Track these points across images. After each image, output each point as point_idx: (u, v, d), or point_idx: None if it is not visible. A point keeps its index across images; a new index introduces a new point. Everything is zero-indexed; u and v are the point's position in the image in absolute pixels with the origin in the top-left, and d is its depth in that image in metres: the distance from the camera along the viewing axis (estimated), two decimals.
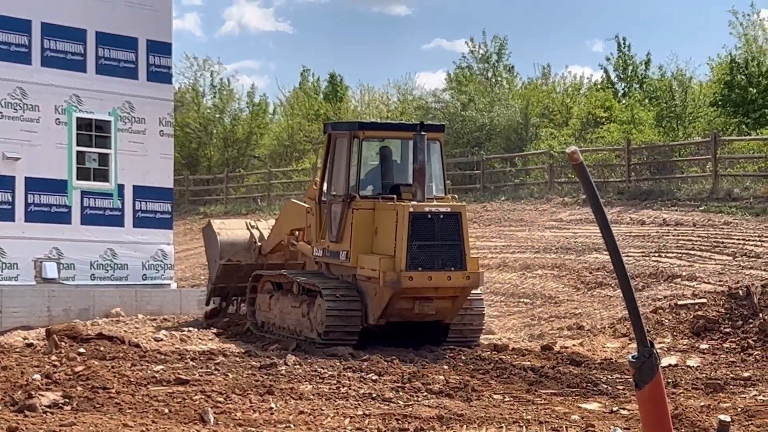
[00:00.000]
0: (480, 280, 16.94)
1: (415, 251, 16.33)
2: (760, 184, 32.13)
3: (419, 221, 16.36)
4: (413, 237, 16.32)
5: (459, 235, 16.52)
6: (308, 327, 17.36)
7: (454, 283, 16.53)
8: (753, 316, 17.60)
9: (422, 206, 16.47)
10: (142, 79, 22.39)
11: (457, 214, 16.61)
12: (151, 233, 22.48)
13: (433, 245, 16.42)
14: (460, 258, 16.50)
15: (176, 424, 10.64)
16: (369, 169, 17.79)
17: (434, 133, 17.60)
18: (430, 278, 16.39)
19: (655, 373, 4.08)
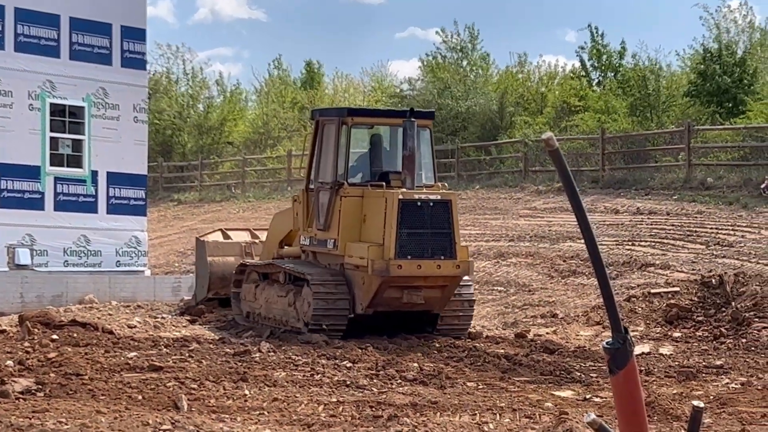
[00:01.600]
0: (470, 269, 16.61)
1: (404, 239, 16.03)
2: (734, 173, 32.26)
3: (408, 209, 16.06)
4: (402, 225, 16.00)
5: (449, 223, 16.21)
6: (294, 317, 17.03)
7: (443, 271, 16.21)
8: (725, 305, 17.68)
9: (412, 194, 16.17)
10: (116, 65, 22.29)
11: (447, 202, 16.31)
12: (125, 220, 22.40)
13: (423, 233, 16.12)
14: (450, 246, 16.19)
15: (149, 410, 10.61)
16: (358, 156, 17.52)
17: (424, 120, 17.32)
18: (419, 267, 16.08)
19: (629, 359, 4.09)
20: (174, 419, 10.00)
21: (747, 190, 30.15)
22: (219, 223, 37.95)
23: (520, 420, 10.60)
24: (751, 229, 26.07)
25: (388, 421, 10.28)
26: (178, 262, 28.90)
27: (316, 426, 10.22)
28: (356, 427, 10.18)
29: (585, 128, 40.18)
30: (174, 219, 42.21)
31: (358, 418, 10.66)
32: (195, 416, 10.39)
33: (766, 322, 16.78)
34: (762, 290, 17.79)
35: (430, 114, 18.42)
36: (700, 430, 3.83)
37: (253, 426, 10.15)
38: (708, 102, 39.47)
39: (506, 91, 47.08)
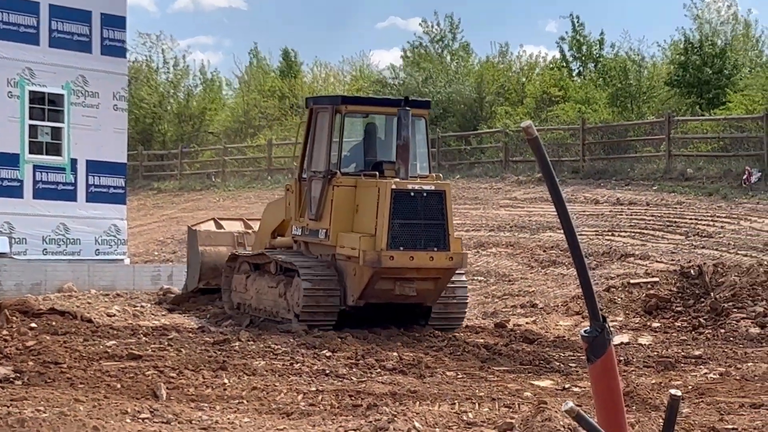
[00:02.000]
0: (463, 262, 16.24)
1: (396, 230, 15.67)
2: (713, 164, 32.37)
3: (401, 199, 15.70)
4: (395, 215, 15.65)
5: (443, 214, 15.83)
6: (285, 308, 16.67)
7: (436, 263, 15.83)
8: (704, 295, 17.73)
9: (405, 183, 15.81)
10: (96, 53, 22.19)
11: (441, 193, 15.92)
12: (105, 208, 22.32)
13: (416, 224, 15.77)
14: (444, 238, 15.83)
15: (128, 399, 10.59)
16: (352, 145, 17.24)
17: (420, 110, 16.94)
18: (411, 258, 15.70)
19: (607, 348, 4.09)
20: (153, 408, 9.98)
21: (726, 181, 30.25)
22: (199, 212, 37.91)
23: (500, 409, 10.61)
24: (730, 219, 26.16)
25: (367, 410, 10.28)
26: (158, 251, 28.84)
27: (295, 415, 10.21)
28: (335, 416, 10.18)
29: (565, 118, 40.23)
30: (154, 207, 42.12)
31: (338, 407, 10.66)
32: (174, 405, 10.37)
33: (744, 313, 16.84)
34: (741, 281, 17.85)
35: (425, 103, 17.96)
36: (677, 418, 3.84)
37: (232, 415, 10.14)
38: (688, 93, 39.56)
39: (486, 81, 47.06)
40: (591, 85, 43.90)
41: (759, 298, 17.19)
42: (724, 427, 9.74)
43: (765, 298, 17.15)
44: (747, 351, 14.91)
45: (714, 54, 39.53)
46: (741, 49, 43.08)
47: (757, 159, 31.14)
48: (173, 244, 29.58)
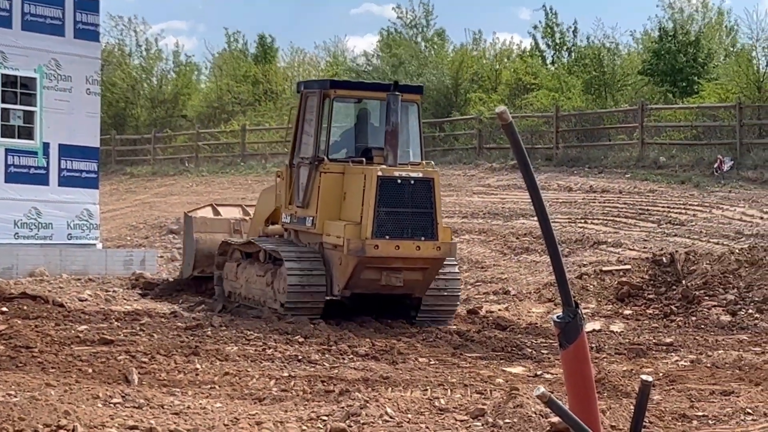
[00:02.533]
0: (452, 251, 15.78)
1: (382, 218, 15.26)
2: (686, 152, 32.48)
3: (388, 186, 15.27)
4: (381, 203, 15.22)
5: (431, 202, 15.41)
6: (272, 297, 16.29)
7: (422, 253, 15.40)
8: (676, 283, 17.81)
9: (392, 170, 15.36)
10: (68, 37, 22.06)
11: (429, 181, 15.46)
12: (77, 192, 22.21)
13: (403, 212, 15.35)
14: (431, 227, 15.40)
15: (100, 384, 10.56)
16: (343, 131, 16.88)
17: (411, 95, 16.51)
18: (397, 247, 15.28)
19: (579, 333, 4.10)
20: (124, 392, 9.96)
21: (699, 170, 30.37)
22: (172, 197, 37.83)
23: (471, 395, 10.63)
24: (702, 208, 26.27)
25: (339, 395, 10.29)
26: (131, 236, 28.76)
27: (267, 400, 10.21)
28: (308, 401, 10.18)
29: (539, 106, 40.29)
30: (126, 192, 41.99)
31: (310, 392, 10.66)
32: (145, 390, 10.34)
33: (715, 301, 16.93)
34: (712, 269, 17.94)
35: (418, 88, 17.45)
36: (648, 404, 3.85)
37: (204, 400, 10.12)
38: (662, 81, 39.66)
39: (461, 67, 47.05)
40: (564, 72, 43.95)
41: (730, 286, 17.28)
42: (695, 414, 9.79)
43: (736, 286, 17.24)
44: (718, 338, 14.99)
45: (688, 42, 39.64)
46: (714, 37, 43.19)
47: (729, 148, 31.28)
48: (146, 229, 29.51)
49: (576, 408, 4.11)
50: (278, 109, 52.96)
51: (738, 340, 14.84)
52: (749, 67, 35.64)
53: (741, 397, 10.54)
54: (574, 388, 4.15)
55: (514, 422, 9.09)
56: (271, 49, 60.34)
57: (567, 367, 4.16)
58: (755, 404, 10.12)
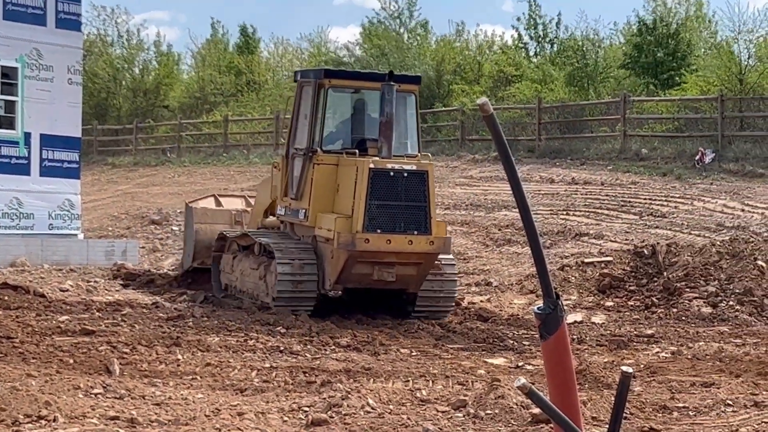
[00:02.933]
0: (446, 247, 15.31)
1: (374, 211, 14.84)
2: (668, 144, 32.57)
3: (380, 179, 14.86)
4: (372, 195, 14.82)
5: (424, 196, 14.99)
6: (264, 291, 15.92)
7: (415, 248, 14.97)
8: (657, 275, 17.85)
9: (384, 162, 14.96)
10: (50, 26, 21.96)
11: (423, 173, 15.05)
12: (59, 183, 22.13)
13: (395, 206, 14.93)
14: (425, 221, 14.99)
15: (81, 374, 10.54)
16: (340, 122, 16.52)
17: (409, 85, 16.18)
18: (388, 241, 14.86)
19: (560, 324, 4.10)
20: (105, 383, 9.94)
21: (681, 162, 30.45)
22: (154, 187, 37.76)
23: (453, 387, 10.65)
24: (684, 200, 26.34)
25: (321, 386, 10.29)
26: (112, 226, 28.68)
27: (249, 391, 10.21)
28: (289, 392, 10.18)
29: (522, 98, 40.32)
30: (108, 183, 41.87)
31: (292, 383, 10.66)
32: (127, 380, 10.33)
33: (696, 293, 16.97)
34: (693, 261, 17.98)
35: (415, 79, 17.10)
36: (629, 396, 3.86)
37: (186, 390, 10.11)
38: (643, 73, 39.74)
39: (443, 59, 47.06)
40: (547, 64, 44.00)
41: (711, 278, 17.32)
42: (676, 406, 9.82)
43: (717, 278, 17.29)
44: (699, 330, 15.04)
45: (668, 35, 39.71)
46: (695, 29, 43.28)
47: (711, 140, 31.37)
48: (127, 220, 29.43)
49: (557, 399, 4.12)
50: (260, 100, 52.90)
51: (719, 332, 14.89)
52: (731, 60, 35.73)
53: (721, 389, 10.58)
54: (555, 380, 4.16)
55: (496, 413, 9.11)
56: (253, 39, 60.24)
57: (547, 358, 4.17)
58: (735, 396, 10.16)
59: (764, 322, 15.71)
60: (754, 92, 33.80)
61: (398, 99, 15.54)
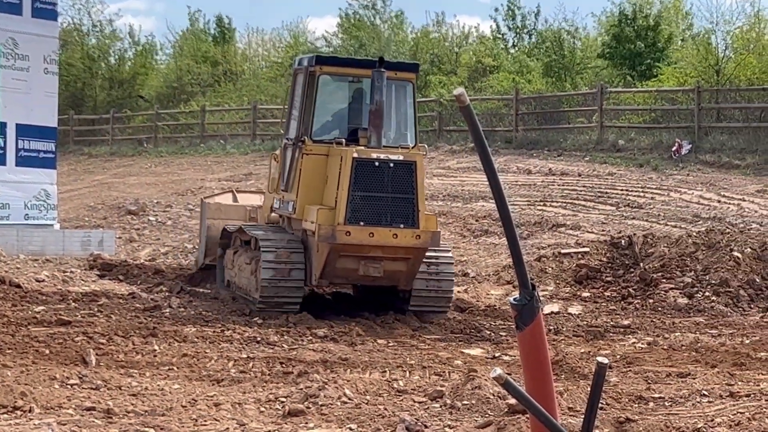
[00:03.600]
0: (434, 241, 14.51)
1: (357, 203, 14.17)
2: (645, 136, 32.65)
3: (364, 169, 14.18)
4: (356, 186, 14.14)
5: (412, 187, 14.26)
6: (254, 286, 15.14)
7: (400, 241, 14.24)
8: (634, 266, 17.90)
9: (369, 152, 14.29)
10: (26, 15, 21.83)
11: (410, 164, 14.33)
12: (34, 173, 22.03)
13: (380, 197, 14.24)
14: (412, 214, 14.29)
15: (57, 365, 10.51)
16: (336, 110, 15.81)
17: (406, 73, 15.51)
18: (371, 234, 14.15)
19: (536, 315, 4.11)
20: (82, 374, 9.93)
21: (657, 153, 30.54)
22: (131, 177, 37.65)
23: (430, 377, 10.66)
24: (660, 191, 26.43)
25: (298, 377, 10.29)
26: (89, 217, 28.58)
27: (225, 381, 10.20)
28: (266, 383, 10.18)
29: (499, 89, 40.35)
30: (84, 173, 41.72)
31: (268, 374, 10.66)
32: (103, 371, 10.31)
33: (673, 283, 17.04)
34: (670, 252, 18.04)
35: (413, 66, 16.26)
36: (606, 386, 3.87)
37: (162, 381, 10.10)
38: (621, 65, 39.82)
39: (419, 50, 47.05)
40: (525, 55, 44.05)
41: (687, 269, 17.39)
42: (651, 396, 9.86)
43: (693, 269, 17.35)
44: (675, 321, 15.10)
45: (647, 26, 39.80)
46: (672, 21, 43.38)
47: (687, 131, 31.46)
48: (104, 210, 29.33)
49: (532, 390, 4.13)
50: (238, 90, 52.76)
51: (695, 323, 14.95)
52: (708, 51, 35.84)
53: (697, 379, 10.62)
54: (531, 370, 4.17)
55: (473, 404, 9.13)
56: (229, 30, 60.10)
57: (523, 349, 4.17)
58: (711, 386, 10.21)
59: (740, 313, 15.79)
60: (731, 84, 33.91)
61: (396, 88, 15.25)
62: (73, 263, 19.74)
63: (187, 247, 22.61)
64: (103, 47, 58.58)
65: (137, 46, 59.39)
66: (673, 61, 38.70)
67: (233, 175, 34.90)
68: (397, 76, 15.22)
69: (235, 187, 25.29)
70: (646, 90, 35.44)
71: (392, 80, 15.12)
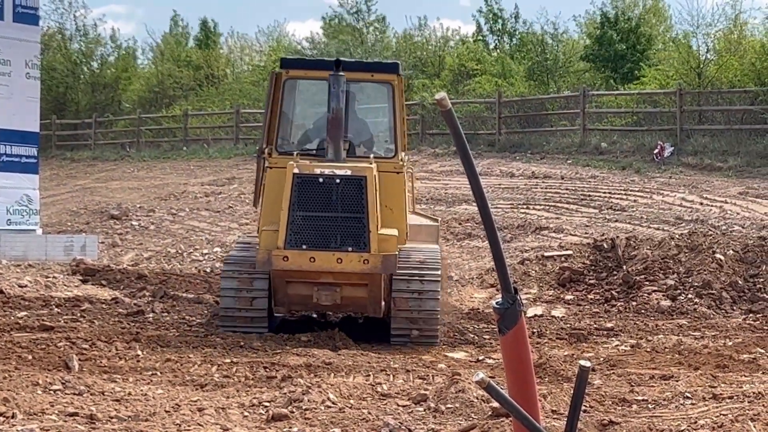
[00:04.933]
0: (386, 266, 12.84)
1: (299, 224, 12.78)
2: (627, 138, 32.74)
3: (307, 186, 12.76)
4: (298, 206, 12.74)
5: (361, 206, 12.76)
6: None
7: (345, 267, 12.75)
8: (617, 268, 17.93)
9: (311, 167, 12.87)
10: (7, 20, 21.78)
11: (359, 179, 12.81)
12: (16, 178, 21.97)
13: (326, 218, 12.77)
14: (362, 235, 12.77)
15: (40, 370, 10.48)
16: (317, 118, 14.52)
17: (383, 74, 14.02)
18: (312, 260, 12.71)
19: (518, 319, 4.12)
20: (65, 379, 9.90)
21: (640, 155, 30.63)
22: (113, 182, 37.58)
23: (414, 381, 10.66)
24: (643, 193, 26.49)
25: (281, 381, 10.28)
26: (71, 222, 28.52)
27: (209, 386, 10.18)
28: (250, 387, 10.16)
29: (482, 92, 40.40)
30: (67, 177, 41.63)
31: (252, 378, 10.64)
32: (86, 376, 10.28)
33: (656, 286, 17.06)
34: (653, 254, 18.07)
35: (391, 67, 14.38)
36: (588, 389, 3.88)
37: (146, 386, 10.08)
38: (603, 67, 39.92)
39: (403, 53, 47.09)
40: (507, 58, 44.12)
41: (670, 272, 17.42)
42: (635, 399, 9.87)
43: (676, 271, 17.38)
44: (658, 323, 15.12)
45: (629, 29, 39.90)
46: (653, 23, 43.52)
47: (669, 133, 31.55)
48: (86, 215, 29.27)
49: (515, 393, 4.14)
50: (220, 94, 52.75)
51: (678, 325, 14.98)
52: (689, 54, 35.95)
53: (680, 382, 10.64)
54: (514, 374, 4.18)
55: (456, 407, 9.13)
56: (214, 33, 60.06)
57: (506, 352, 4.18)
58: (694, 388, 10.22)
59: (722, 315, 15.82)
60: (713, 86, 34.02)
61: (374, 91, 14.38)
62: (56, 268, 19.69)
63: (170, 252, 22.58)
64: (87, 52, 58.50)
65: (119, 50, 59.34)
66: (655, 62, 38.80)
67: (216, 179, 34.87)
68: (374, 78, 14.09)
69: None
70: (628, 93, 35.54)
71: (369, 83, 14.23)
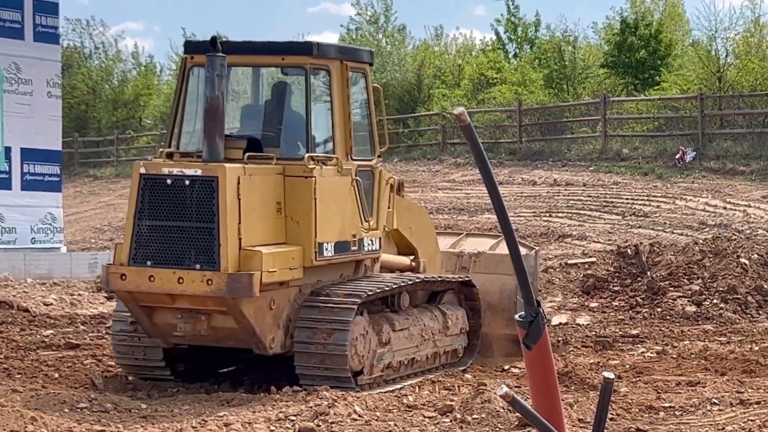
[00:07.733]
0: (237, 287, 10.22)
1: (144, 235, 10.60)
2: (648, 144, 32.66)
3: (154, 189, 10.61)
4: (143, 213, 10.61)
5: (212, 213, 10.34)
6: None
7: (186, 288, 10.33)
8: (641, 275, 17.87)
9: (159, 167, 10.75)
10: (28, 40, 21.90)
11: (211, 181, 10.38)
12: (40, 196, 22.07)
13: (172, 227, 10.51)
14: (212, 250, 10.33)
15: (66, 388, 10.53)
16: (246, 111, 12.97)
17: (294, 57, 11.54)
18: (152, 278, 10.39)
19: (542, 333, 4.12)
20: (91, 397, 9.93)
21: (662, 161, 30.54)
22: None
23: (439, 392, 10.67)
24: (665, 199, 26.42)
25: (307, 395, 10.26)
26: (95, 239, 28.63)
27: (235, 401, 10.19)
28: (276, 401, 10.16)
29: (502, 100, 40.36)
30: (90, 195, 41.79)
31: (278, 392, 10.63)
32: (112, 394, 10.32)
33: (680, 291, 17.00)
34: (677, 260, 18.02)
35: (304, 47, 11.88)
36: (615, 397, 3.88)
37: (172, 402, 10.10)
38: (624, 73, 39.83)
39: (423, 63, 47.09)
40: (527, 66, 44.09)
41: (695, 277, 17.35)
42: (662, 405, 9.85)
43: (700, 276, 17.32)
44: (683, 329, 15.08)
45: (649, 34, 39.81)
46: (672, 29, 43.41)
47: (691, 138, 31.46)
48: (110, 232, 29.38)
49: (540, 407, 4.14)
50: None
51: (703, 331, 14.93)
52: (709, 58, 35.86)
53: (707, 388, 10.61)
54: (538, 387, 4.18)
55: (482, 417, 9.12)
56: None
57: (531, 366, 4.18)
58: (721, 394, 10.19)
59: (748, 320, 15.76)
60: (733, 90, 33.91)
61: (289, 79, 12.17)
62: (81, 286, 19.76)
63: None
64: (107, 69, 58.72)
65: (140, 66, 59.54)
66: (675, 68, 38.71)
67: None
68: (285, 61, 11.67)
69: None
70: (649, 98, 35.44)
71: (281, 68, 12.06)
